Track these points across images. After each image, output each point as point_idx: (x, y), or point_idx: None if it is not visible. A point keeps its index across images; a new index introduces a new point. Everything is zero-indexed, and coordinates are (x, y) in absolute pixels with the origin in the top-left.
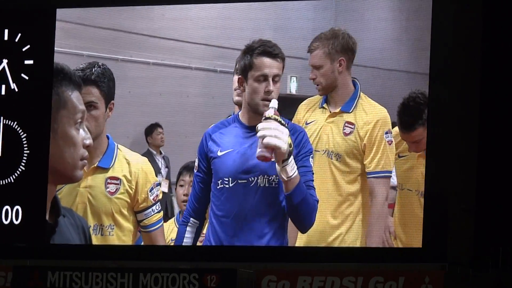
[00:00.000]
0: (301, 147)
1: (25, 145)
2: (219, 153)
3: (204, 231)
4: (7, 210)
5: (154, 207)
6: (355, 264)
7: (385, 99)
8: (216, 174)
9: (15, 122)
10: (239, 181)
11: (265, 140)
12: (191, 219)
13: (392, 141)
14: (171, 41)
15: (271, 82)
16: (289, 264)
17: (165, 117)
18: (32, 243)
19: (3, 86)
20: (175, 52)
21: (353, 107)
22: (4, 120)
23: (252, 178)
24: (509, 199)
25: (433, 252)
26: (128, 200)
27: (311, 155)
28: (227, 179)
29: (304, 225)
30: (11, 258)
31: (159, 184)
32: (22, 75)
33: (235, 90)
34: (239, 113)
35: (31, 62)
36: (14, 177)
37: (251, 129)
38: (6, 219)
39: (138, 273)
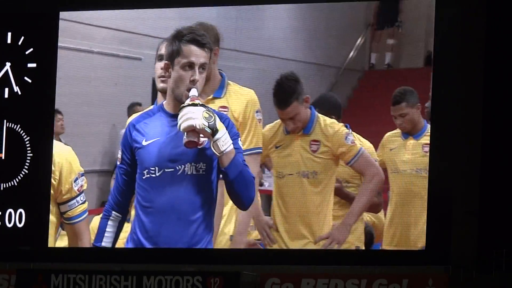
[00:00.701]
0: (228, 131)
1: (28, 148)
2: (144, 143)
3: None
4: (10, 213)
5: (78, 198)
6: (359, 267)
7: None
8: (141, 165)
9: (18, 125)
10: (166, 170)
11: (181, 128)
12: (113, 212)
13: (261, 120)
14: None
15: (197, 71)
16: (293, 267)
17: (65, 104)
18: (36, 246)
19: (6, 89)
20: (77, 35)
21: (223, 93)
22: (8, 123)
23: (179, 166)
24: None
25: (437, 254)
26: (51, 192)
27: (239, 138)
28: (153, 168)
29: (242, 201)
30: (15, 261)
31: (83, 174)
32: (25, 78)
33: (159, 77)
34: (164, 102)
35: (34, 65)
36: (17, 180)
37: (176, 117)
38: (9, 222)
39: (141, 276)
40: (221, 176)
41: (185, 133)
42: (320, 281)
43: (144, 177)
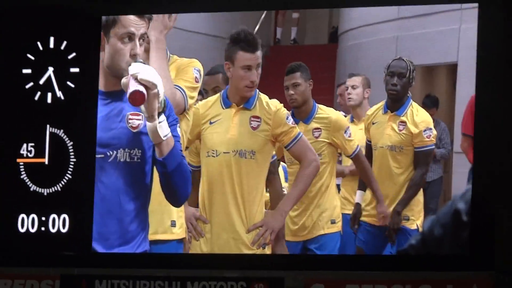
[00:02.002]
0: (167, 116)
1: (71, 153)
2: None
3: None
4: (54, 218)
5: None
6: (402, 272)
7: None
8: None
9: (62, 130)
10: (96, 156)
11: (141, 76)
12: None
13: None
14: None
15: (137, 43)
16: (337, 272)
17: None
18: (80, 251)
19: (49, 94)
20: None
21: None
22: (51, 128)
23: (110, 152)
24: None
25: (481, 260)
26: None
27: (178, 124)
28: None
29: (178, 197)
30: (59, 266)
31: None
32: (68, 83)
33: None
34: None
35: (77, 70)
36: (60, 185)
37: (108, 96)
38: (53, 228)
39: (185, 282)
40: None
41: (134, 81)
42: (364, 287)
43: None
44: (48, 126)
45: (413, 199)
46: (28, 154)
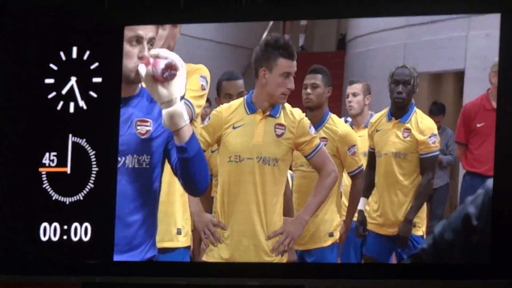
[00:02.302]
0: None
1: (93, 162)
2: None
3: None
4: (76, 227)
5: None
6: (422, 281)
7: None
8: None
9: (84, 140)
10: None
11: (163, 53)
12: None
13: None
14: None
15: (145, 46)
16: (357, 281)
17: None
18: (101, 260)
19: (72, 104)
20: None
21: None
22: (73, 138)
23: (119, 158)
24: None
25: (501, 269)
26: None
27: None
28: None
29: (199, 183)
30: (81, 275)
31: None
32: (91, 92)
33: None
34: None
35: (99, 80)
36: (83, 194)
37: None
38: (75, 236)
39: None
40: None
41: (158, 61)
42: None
43: None
44: (70, 135)
45: None
46: (51, 163)
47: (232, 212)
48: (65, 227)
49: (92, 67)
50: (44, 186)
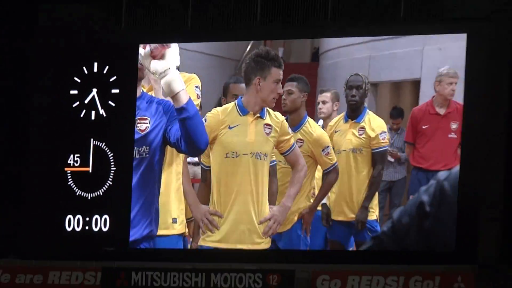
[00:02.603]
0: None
1: (112, 163)
2: None
3: None
4: (96, 218)
5: None
6: (397, 266)
7: None
8: None
9: (104, 143)
10: None
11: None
12: None
13: None
14: None
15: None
16: (340, 265)
17: None
18: (119, 247)
19: (93, 112)
20: None
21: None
22: (94, 141)
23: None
24: None
25: (465, 255)
26: None
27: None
28: None
29: (199, 142)
30: (100, 260)
31: None
32: (110, 102)
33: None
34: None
35: (117, 91)
36: (102, 190)
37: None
38: (96, 227)
39: (209, 273)
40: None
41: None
42: (364, 278)
43: None
44: (92, 139)
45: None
46: (75, 163)
47: (229, 200)
48: (87, 219)
49: (111, 80)
50: (69, 183)
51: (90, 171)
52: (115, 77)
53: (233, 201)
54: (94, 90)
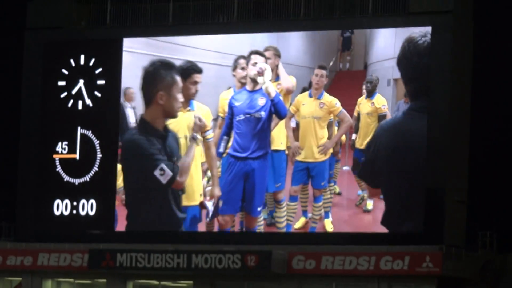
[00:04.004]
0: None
1: (98, 150)
2: None
3: None
4: (83, 203)
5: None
6: (369, 246)
7: None
8: None
9: (90, 131)
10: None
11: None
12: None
13: None
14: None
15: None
16: (315, 247)
17: None
18: (104, 230)
19: (80, 102)
20: None
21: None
22: (81, 130)
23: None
24: (496, 192)
25: (432, 236)
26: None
27: None
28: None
29: (283, 112)
30: (87, 242)
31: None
32: (96, 93)
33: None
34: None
35: (103, 82)
36: (89, 176)
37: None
38: (83, 211)
39: (191, 254)
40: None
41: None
42: (337, 258)
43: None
44: (79, 128)
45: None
46: (63, 151)
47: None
48: (75, 203)
49: (97, 71)
50: (57, 169)
51: (77, 158)
52: (101, 69)
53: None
54: (81, 81)
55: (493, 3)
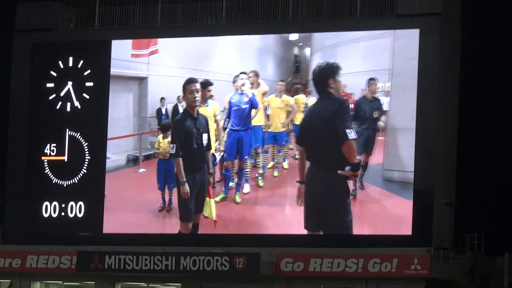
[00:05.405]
0: None
1: (86, 152)
2: None
3: None
4: (72, 205)
5: None
6: (357, 249)
7: None
8: None
9: (78, 133)
10: None
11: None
12: None
13: None
14: None
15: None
16: (303, 249)
17: None
18: (93, 232)
19: (68, 104)
20: None
21: None
22: (70, 132)
23: None
24: (484, 194)
25: (421, 238)
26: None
27: None
28: None
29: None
30: (76, 245)
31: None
32: (84, 94)
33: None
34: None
35: (91, 84)
36: (77, 178)
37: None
38: (71, 213)
39: (179, 257)
40: None
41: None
42: (325, 260)
43: None
44: (67, 130)
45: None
46: (51, 153)
47: None
48: (63, 205)
49: (85, 73)
50: (45, 171)
51: (66, 160)
52: (89, 71)
53: None
54: (69, 83)
55: (481, 5)
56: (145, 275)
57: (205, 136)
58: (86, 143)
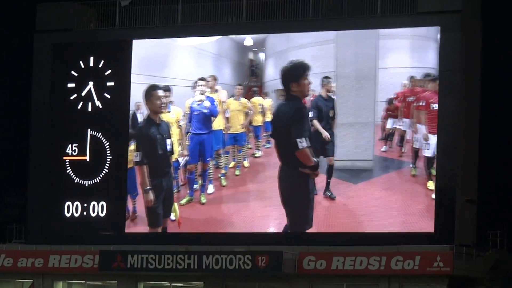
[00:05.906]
0: None
1: (108, 152)
2: None
3: None
4: (94, 205)
5: None
6: (380, 246)
7: None
8: None
9: (100, 133)
10: None
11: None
12: None
13: None
14: None
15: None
16: (325, 247)
17: None
18: (115, 231)
19: (90, 104)
20: None
21: None
22: (91, 132)
23: None
24: (506, 191)
25: (443, 236)
26: None
27: None
28: None
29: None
30: (98, 244)
31: None
32: (105, 94)
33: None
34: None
35: (112, 84)
36: (99, 177)
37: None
38: (93, 212)
39: (202, 256)
40: None
41: None
42: (348, 258)
43: None
44: (89, 130)
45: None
46: (73, 153)
47: None
48: (85, 205)
49: (106, 73)
50: (67, 171)
51: (88, 159)
52: (110, 71)
53: None
54: (91, 83)
55: (501, 2)
56: (167, 274)
57: (168, 141)
58: (108, 143)
